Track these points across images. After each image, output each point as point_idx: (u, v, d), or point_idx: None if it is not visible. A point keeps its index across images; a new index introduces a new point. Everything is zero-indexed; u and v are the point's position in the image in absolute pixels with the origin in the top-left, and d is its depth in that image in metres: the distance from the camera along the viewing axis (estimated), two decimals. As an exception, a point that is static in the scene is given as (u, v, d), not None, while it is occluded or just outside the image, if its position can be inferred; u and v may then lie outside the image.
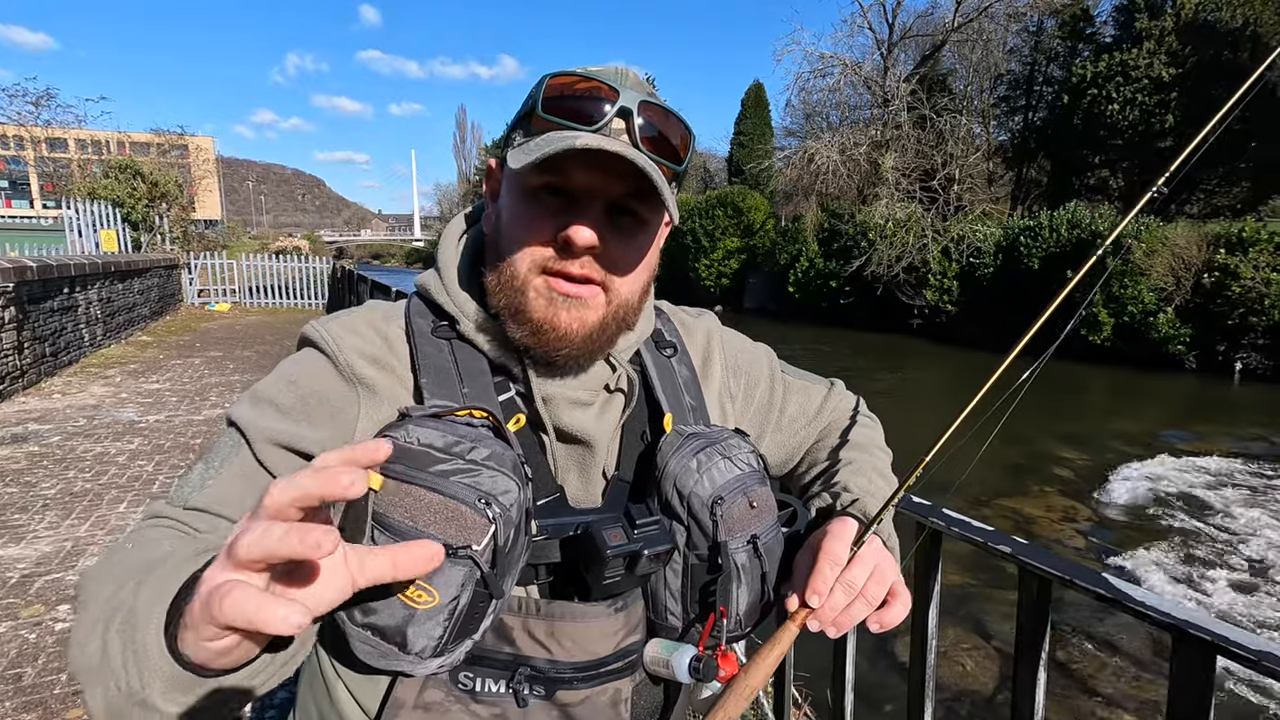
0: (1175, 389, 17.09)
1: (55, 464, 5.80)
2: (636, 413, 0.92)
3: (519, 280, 0.80)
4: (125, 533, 0.73)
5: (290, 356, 0.87)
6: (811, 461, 1.10)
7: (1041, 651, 1.44)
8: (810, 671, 3.05)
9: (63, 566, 4.06)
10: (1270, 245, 17.30)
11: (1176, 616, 1.14)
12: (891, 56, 29.40)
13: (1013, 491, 8.97)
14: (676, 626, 0.86)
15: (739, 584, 0.83)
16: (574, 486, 0.87)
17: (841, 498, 0.94)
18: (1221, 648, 1.07)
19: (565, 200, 0.78)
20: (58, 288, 9.30)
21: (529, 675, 0.80)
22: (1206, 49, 24.56)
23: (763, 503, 0.87)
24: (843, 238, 27.45)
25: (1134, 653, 5.34)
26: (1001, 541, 1.47)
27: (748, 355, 1.10)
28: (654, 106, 0.78)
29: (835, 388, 1.17)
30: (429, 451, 0.67)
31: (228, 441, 0.78)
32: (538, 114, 0.77)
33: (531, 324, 0.80)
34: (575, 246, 0.77)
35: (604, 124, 0.75)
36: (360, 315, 0.88)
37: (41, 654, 3.25)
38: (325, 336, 0.84)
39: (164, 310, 16.03)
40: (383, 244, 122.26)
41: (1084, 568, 1.33)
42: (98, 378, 9.26)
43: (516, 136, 0.81)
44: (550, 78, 0.78)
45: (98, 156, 27.25)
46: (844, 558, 0.81)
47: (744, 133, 42.87)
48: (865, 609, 0.82)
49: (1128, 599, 1.21)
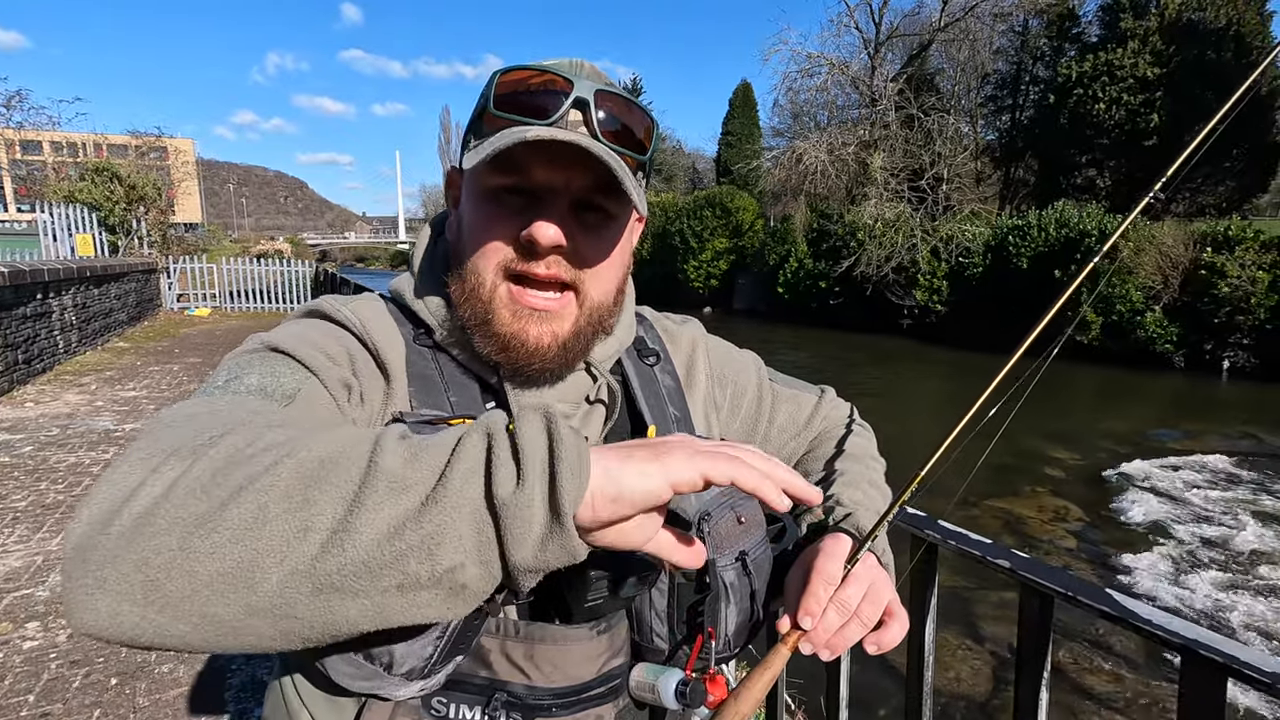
0: (1163, 387, 17.24)
1: (27, 475, 5.67)
2: (618, 425, 0.90)
3: (484, 289, 0.78)
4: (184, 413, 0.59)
5: (303, 321, 0.82)
6: (803, 473, 1.05)
7: (1044, 670, 1.37)
8: (803, 678, 3.01)
9: (33, 582, 3.95)
10: (1256, 244, 17.50)
11: (1185, 636, 1.08)
12: (879, 56, 29.54)
13: (1003, 492, 8.95)
14: (663, 649, 0.83)
15: (728, 603, 0.81)
16: None
17: (834, 512, 0.91)
18: (1233, 669, 1.01)
19: (526, 199, 0.76)
20: (31, 293, 9.11)
21: (505, 701, 0.74)
22: (1190, 49, 24.88)
23: (751, 518, 0.85)
24: (832, 238, 27.59)
25: (1137, 660, 5.29)
26: (1000, 555, 1.41)
27: (734, 363, 1.08)
28: (612, 95, 0.76)
29: (826, 396, 1.15)
30: None
31: (283, 368, 0.71)
32: (490, 112, 0.75)
33: (499, 338, 0.78)
34: (540, 245, 0.74)
35: (559, 117, 0.73)
36: (375, 305, 0.85)
37: (9, 674, 3.14)
38: (352, 318, 0.81)
39: (142, 316, 15.75)
40: (367, 247, 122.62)
41: (1087, 583, 1.28)
42: (72, 385, 9.10)
43: (470, 139, 0.79)
44: (502, 74, 0.76)
45: (73, 159, 26.94)
46: (837, 576, 0.78)
47: (732, 133, 43.07)
48: (860, 630, 0.78)
49: (1134, 616, 1.15)
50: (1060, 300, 0.91)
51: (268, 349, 0.74)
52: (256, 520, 0.47)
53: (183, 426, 0.56)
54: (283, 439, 0.53)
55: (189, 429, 0.55)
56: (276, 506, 0.47)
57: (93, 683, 3.11)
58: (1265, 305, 17.12)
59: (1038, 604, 1.35)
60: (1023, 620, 1.38)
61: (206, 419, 0.57)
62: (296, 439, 0.52)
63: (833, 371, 18.32)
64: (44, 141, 29.05)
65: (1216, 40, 24.83)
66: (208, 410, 0.60)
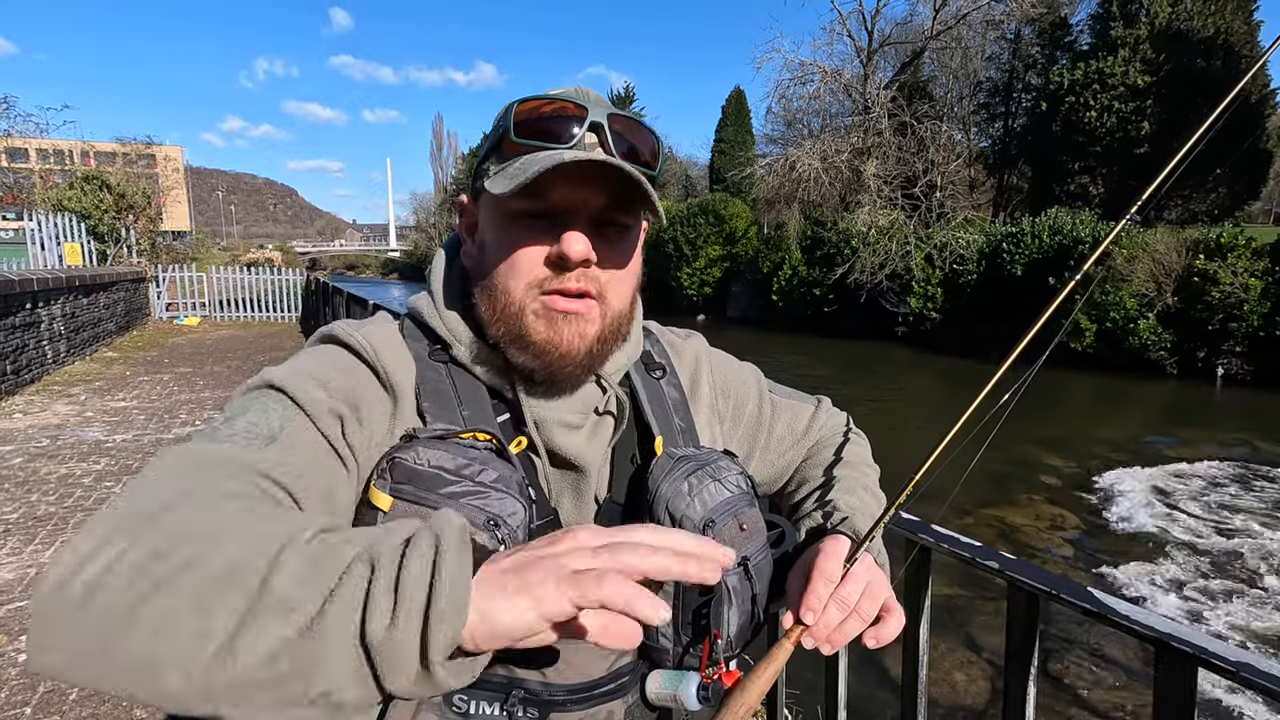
0: (1157, 394, 17.29)
1: (17, 486, 5.64)
2: (626, 435, 0.94)
3: (515, 306, 0.82)
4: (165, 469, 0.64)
5: (316, 349, 0.85)
6: (801, 480, 1.11)
7: (1031, 665, 1.45)
8: (800, 689, 2.99)
9: (25, 595, 3.91)
10: (1248, 250, 17.56)
11: (1159, 629, 1.15)
12: (871, 64, 29.63)
13: (998, 500, 8.95)
14: (667, 649, 0.87)
15: (730, 606, 0.86)
16: (568, 510, 0.89)
17: (832, 516, 0.96)
18: (1203, 659, 1.09)
19: (549, 221, 0.80)
20: (19, 303, 9.06)
21: (522, 698, 0.80)
22: (1180, 57, 25.08)
23: (752, 525, 0.90)
24: (826, 245, 27.61)
25: (1124, 662, 5.29)
26: (990, 557, 1.48)
27: (736, 376, 1.13)
28: (622, 118, 0.82)
29: (823, 405, 1.19)
30: (440, 474, 0.71)
31: (275, 405, 0.73)
32: (510, 139, 0.80)
33: (534, 347, 0.82)
34: (571, 260, 0.78)
35: (577, 140, 0.79)
36: (385, 328, 0.89)
37: (5, 686, 3.12)
38: (363, 343, 0.83)
39: (131, 325, 15.58)
40: (357, 254, 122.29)
41: (1070, 582, 1.35)
42: (62, 396, 9.04)
43: (490, 166, 0.83)
44: (518, 104, 0.81)
45: (60, 166, 26.74)
46: (837, 575, 0.82)
47: (725, 140, 43.14)
48: (859, 625, 0.83)
49: (1113, 612, 1.22)
50: (1051, 307, 0.94)
51: (266, 386, 0.76)
52: (163, 622, 0.49)
53: (146, 493, 0.59)
54: (212, 527, 0.54)
55: (150, 498, 0.58)
56: (182, 611, 0.49)
57: (89, 695, 3.08)
58: (1258, 312, 17.15)
59: (1024, 602, 1.42)
60: (1011, 618, 1.46)
61: (170, 486, 0.60)
62: (220, 532, 0.54)
63: (826, 379, 18.31)
64: (31, 149, 28.72)
65: (1206, 48, 25.03)
66: (174, 475, 0.62)
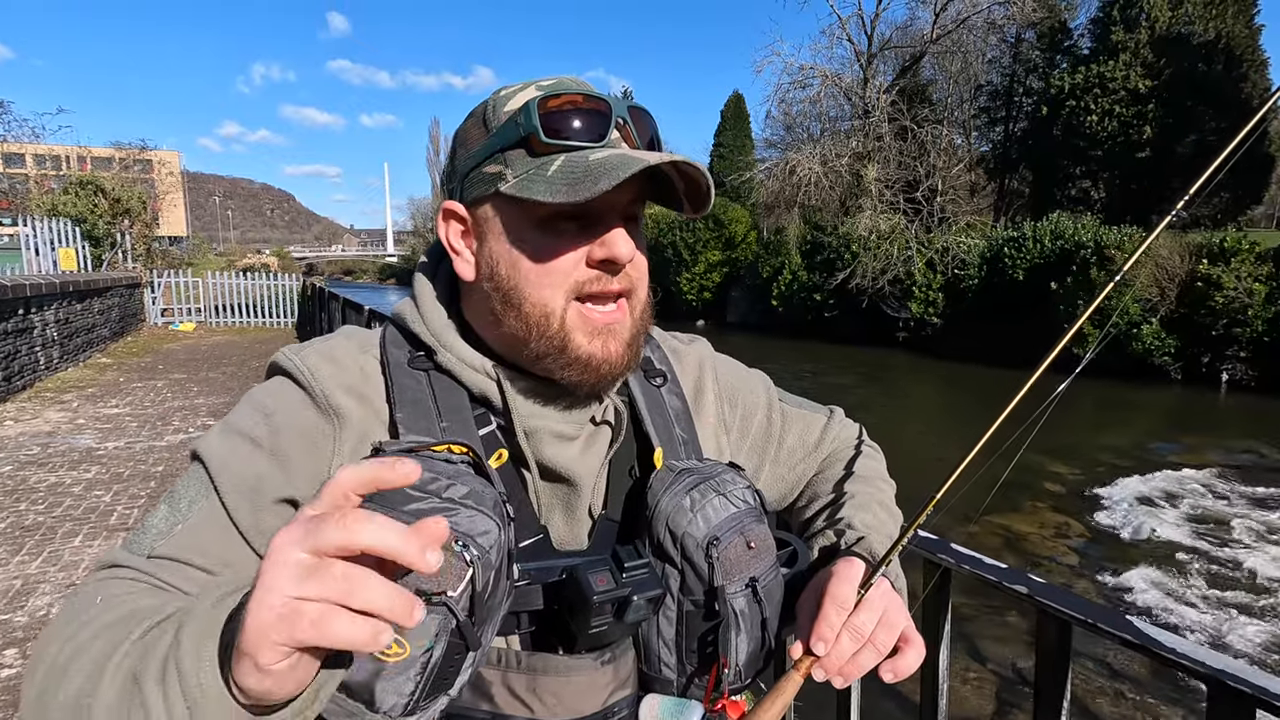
0: (1161, 401, 17.22)
1: (5, 495, 5.58)
2: (624, 447, 0.89)
3: (554, 318, 0.78)
4: (79, 590, 0.70)
5: (261, 385, 0.84)
6: (813, 495, 1.05)
7: (1064, 699, 1.32)
8: (807, 704, 2.85)
9: (11, 607, 3.87)
10: (1252, 255, 17.51)
11: (1213, 666, 1.04)
12: (871, 68, 29.66)
13: (1003, 508, 8.84)
14: (671, 679, 0.82)
15: (738, 631, 0.80)
16: (558, 527, 0.84)
17: (846, 535, 0.90)
18: (1263, 700, 0.97)
19: (582, 222, 0.77)
20: (12, 308, 9.03)
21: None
22: (1181, 61, 25.10)
23: (761, 543, 0.83)
24: (826, 250, 27.59)
25: (1149, 683, 5.14)
26: (1017, 581, 1.36)
27: (743, 384, 1.07)
28: (637, 110, 0.81)
29: (835, 416, 1.13)
30: (403, 489, 0.63)
31: (195, 483, 0.75)
32: (539, 139, 0.75)
33: (579, 361, 0.78)
34: (619, 262, 0.77)
35: (610, 138, 0.77)
36: (336, 343, 0.85)
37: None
38: (300, 366, 0.80)
39: (125, 331, 15.60)
40: (355, 260, 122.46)
41: (1106, 609, 1.25)
42: (54, 403, 8.99)
43: (508, 171, 0.77)
44: (539, 102, 0.76)
45: (56, 172, 26.68)
46: (850, 601, 0.77)
47: (724, 144, 43.03)
48: (874, 657, 0.77)
49: (1158, 645, 1.11)
50: (1083, 318, 0.91)
51: (192, 457, 0.78)
52: None
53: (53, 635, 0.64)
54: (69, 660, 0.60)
55: (52, 639, 0.64)
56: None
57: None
58: (1262, 317, 17.12)
59: (1055, 631, 1.31)
60: (1040, 648, 1.34)
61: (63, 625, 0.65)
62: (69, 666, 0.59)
63: (827, 385, 18.23)
64: (27, 154, 28.67)
65: (1207, 52, 25.10)
66: (66, 617, 0.66)
